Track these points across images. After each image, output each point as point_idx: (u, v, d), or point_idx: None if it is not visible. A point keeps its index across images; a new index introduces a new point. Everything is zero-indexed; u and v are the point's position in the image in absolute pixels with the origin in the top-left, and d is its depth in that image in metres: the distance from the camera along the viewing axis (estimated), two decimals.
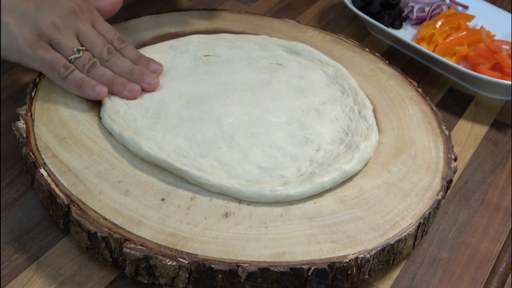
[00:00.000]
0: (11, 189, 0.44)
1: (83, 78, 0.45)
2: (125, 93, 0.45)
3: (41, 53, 0.44)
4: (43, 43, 0.44)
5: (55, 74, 0.45)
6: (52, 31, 0.44)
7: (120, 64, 0.47)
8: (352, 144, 0.44)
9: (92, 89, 0.45)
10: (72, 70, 0.45)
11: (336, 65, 0.52)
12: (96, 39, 0.46)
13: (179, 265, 0.37)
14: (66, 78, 0.45)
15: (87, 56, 0.46)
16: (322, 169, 0.42)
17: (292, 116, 0.47)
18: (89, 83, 0.45)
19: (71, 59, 0.45)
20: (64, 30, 0.45)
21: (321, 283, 0.38)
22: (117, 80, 0.46)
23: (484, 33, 0.60)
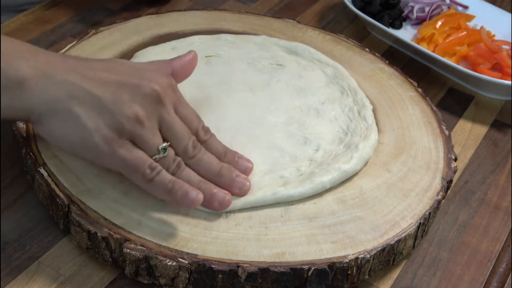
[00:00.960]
0: (11, 189, 0.44)
1: (173, 181, 0.38)
2: (215, 205, 0.39)
3: (122, 152, 0.37)
4: (124, 141, 0.37)
5: (138, 176, 0.37)
6: (135, 126, 0.37)
7: (208, 161, 0.40)
8: (352, 144, 0.44)
9: (185, 195, 0.37)
10: (159, 171, 0.37)
11: (335, 65, 0.52)
12: (182, 131, 0.39)
13: (179, 265, 0.37)
14: (152, 181, 0.37)
15: (171, 154, 0.38)
16: (321, 168, 0.42)
17: (291, 116, 0.47)
18: (180, 187, 0.37)
19: (156, 158, 0.38)
20: (148, 123, 0.37)
21: (321, 283, 0.38)
22: (204, 187, 0.39)
23: (484, 33, 0.60)
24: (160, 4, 0.64)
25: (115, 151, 0.37)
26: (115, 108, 0.37)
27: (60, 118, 0.36)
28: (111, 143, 0.37)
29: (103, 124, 0.36)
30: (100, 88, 0.37)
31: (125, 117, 0.37)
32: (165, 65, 0.41)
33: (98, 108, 0.37)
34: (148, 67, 0.41)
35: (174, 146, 0.39)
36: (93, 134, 0.36)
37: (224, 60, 0.52)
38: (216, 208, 0.39)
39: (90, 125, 0.36)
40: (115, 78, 0.38)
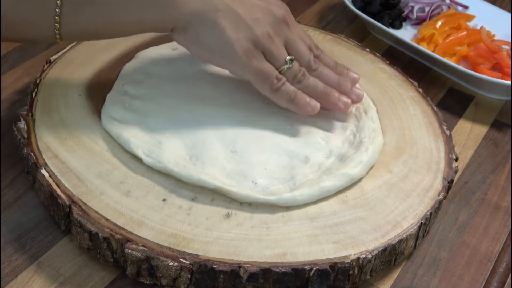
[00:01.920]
0: (11, 189, 0.44)
1: (295, 92, 0.44)
2: (340, 105, 0.45)
3: (255, 63, 0.42)
4: (257, 53, 0.43)
5: (266, 85, 0.43)
6: (267, 41, 0.43)
7: (328, 74, 0.46)
8: (361, 145, 0.44)
9: (306, 104, 0.44)
10: (284, 82, 0.43)
11: None
12: (303, 48, 0.45)
13: (180, 265, 0.37)
14: (278, 90, 0.43)
15: (297, 66, 0.44)
16: (329, 173, 0.42)
17: (297, 118, 0.46)
18: (302, 97, 0.44)
19: (282, 69, 0.43)
20: (276, 39, 0.43)
21: (323, 283, 0.38)
22: (329, 92, 0.45)
23: (484, 33, 0.61)
24: None
25: (250, 61, 0.42)
26: (252, 24, 0.42)
27: (206, 27, 0.41)
28: (248, 53, 0.42)
29: (243, 36, 0.42)
30: (239, 6, 0.42)
31: (260, 32, 0.42)
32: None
33: (238, 22, 0.42)
34: None
35: (298, 60, 0.45)
36: (234, 44, 0.42)
37: None
38: (341, 109, 0.46)
39: (232, 36, 0.41)
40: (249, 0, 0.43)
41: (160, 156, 0.42)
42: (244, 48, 0.42)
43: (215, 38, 0.42)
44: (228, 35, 0.41)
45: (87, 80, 0.49)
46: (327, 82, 0.46)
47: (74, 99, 0.47)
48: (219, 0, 0.42)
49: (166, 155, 0.42)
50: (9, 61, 0.55)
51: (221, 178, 0.41)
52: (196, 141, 0.43)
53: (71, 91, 0.47)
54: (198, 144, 0.43)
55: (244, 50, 0.42)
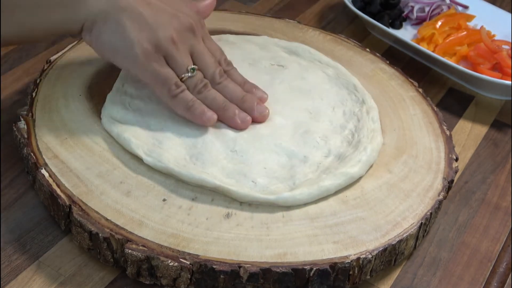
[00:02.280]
0: (11, 189, 0.44)
1: (193, 100, 0.43)
2: (238, 121, 0.44)
3: (155, 66, 0.42)
4: (158, 56, 0.42)
5: (164, 90, 0.42)
6: (170, 46, 0.42)
7: (232, 89, 0.45)
8: (359, 145, 0.44)
9: (202, 114, 0.43)
10: (183, 89, 0.43)
11: (336, 66, 0.52)
12: (209, 59, 0.44)
13: (181, 266, 0.37)
14: (176, 96, 0.43)
15: (199, 76, 0.43)
16: (328, 172, 0.42)
17: (299, 118, 0.47)
18: (199, 106, 0.43)
19: (183, 77, 0.43)
20: (181, 46, 0.43)
21: (323, 283, 0.38)
22: (229, 106, 0.44)
23: (484, 33, 0.61)
24: None
25: (150, 63, 0.42)
26: (156, 27, 0.41)
27: (108, 26, 0.41)
28: (148, 55, 0.41)
29: (144, 37, 0.41)
30: (145, 8, 0.42)
31: (163, 36, 0.42)
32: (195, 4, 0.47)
33: (141, 23, 0.41)
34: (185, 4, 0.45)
35: (203, 72, 0.44)
36: (134, 44, 0.41)
37: None
38: (238, 126, 0.44)
39: (133, 36, 0.41)
40: (158, 3, 0.43)
41: (161, 155, 0.42)
42: (145, 49, 0.41)
43: (117, 38, 0.41)
44: (129, 35, 0.41)
45: (87, 80, 0.49)
46: (230, 97, 0.44)
47: (74, 99, 0.47)
48: (125, 1, 0.41)
49: (167, 155, 0.42)
50: (9, 61, 0.55)
51: (221, 177, 0.41)
52: (196, 141, 0.43)
53: (71, 91, 0.47)
54: (198, 144, 0.43)
55: (144, 52, 0.41)
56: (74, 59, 0.51)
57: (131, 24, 0.41)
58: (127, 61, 0.42)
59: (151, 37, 0.41)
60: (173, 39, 0.42)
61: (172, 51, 0.42)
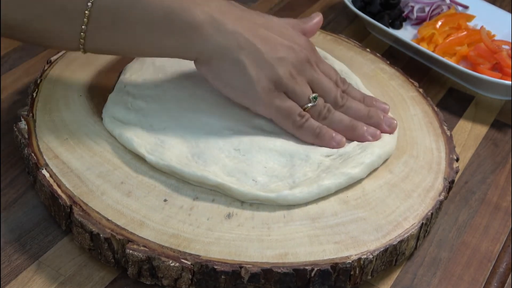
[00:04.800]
0: (11, 189, 0.44)
1: (320, 127, 0.43)
2: (368, 137, 0.44)
3: (277, 102, 0.42)
4: (279, 93, 0.43)
5: (289, 122, 0.43)
6: (290, 81, 0.42)
7: (356, 108, 0.45)
8: (368, 147, 0.44)
9: (330, 139, 0.43)
10: (308, 118, 0.43)
11: (340, 65, 0.52)
12: (328, 85, 0.45)
13: (182, 266, 0.37)
14: (302, 127, 0.43)
15: (321, 102, 0.44)
16: (328, 172, 0.42)
17: None
18: (327, 132, 0.43)
19: (306, 107, 0.43)
20: (299, 79, 0.43)
21: (324, 284, 0.38)
22: (356, 125, 0.44)
23: (484, 33, 0.61)
24: None
25: (272, 100, 0.42)
26: (274, 64, 0.42)
27: (228, 64, 0.41)
28: (269, 93, 0.42)
29: (264, 76, 0.42)
30: (262, 44, 0.42)
31: (282, 72, 0.42)
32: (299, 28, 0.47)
33: (260, 61, 0.42)
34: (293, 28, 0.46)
35: (324, 97, 0.45)
36: (255, 83, 0.41)
37: None
38: (369, 140, 0.44)
39: (254, 75, 0.41)
40: (274, 37, 0.43)
41: (163, 154, 0.41)
42: (265, 88, 0.42)
43: (237, 76, 0.42)
44: (249, 74, 0.41)
45: (88, 80, 0.49)
46: (356, 116, 0.45)
47: (74, 100, 0.47)
48: (242, 38, 0.41)
49: (169, 153, 0.42)
50: (9, 61, 0.55)
51: (222, 175, 0.41)
52: (198, 139, 0.43)
53: (72, 92, 0.47)
54: (201, 143, 0.43)
55: (265, 90, 0.42)
56: (74, 60, 0.50)
57: (251, 62, 0.41)
58: (249, 99, 0.43)
59: (271, 75, 0.42)
60: (292, 74, 0.43)
61: (292, 86, 0.43)
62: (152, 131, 0.44)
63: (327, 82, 0.45)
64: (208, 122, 0.45)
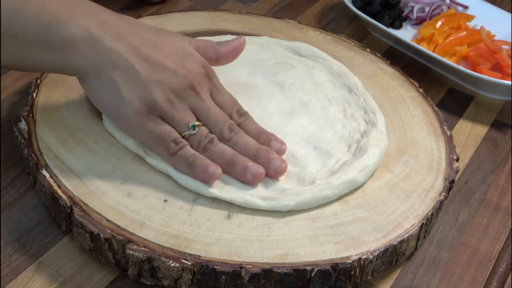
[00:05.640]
0: (11, 189, 0.44)
1: (195, 156, 0.39)
2: (248, 177, 0.40)
3: (150, 125, 0.39)
4: (153, 116, 0.39)
5: (163, 149, 0.40)
6: (166, 105, 0.39)
7: (243, 144, 0.41)
8: (368, 147, 0.44)
9: (204, 170, 0.39)
10: (183, 145, 0.40)
11: (339, 65, 0.52)
12: (216, 116, 0.41)
13: (182, 266, 0.37)
14: (175, 154, 0.40)
15: (203, 132, 0.40)
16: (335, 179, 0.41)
17: (310, 122, 0.46)
18: (201, 162, 0.39)
19: (185, 135, 0.40)
20: (179, 105, 0.40)
21: (324, 284, 0.38)
22: (238, 160, 0.40)
23: (484, 33, 0.61)
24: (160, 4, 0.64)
25: (144, 123, 0.39)
26: (150, 86, 0.39)
27: (101, 82, 0.39)
28: (141, 116, 0.39)
29: (137, 97, 0.39)
30: (141, 64, 0.39)
31: (158, 96, 0.39)
32: (212, 50, 0.43)
33: (135, 81, 0.39)
34: (191, 51, 0.42)
35: (209, 128, 0.41)
36: (126, 104, 0.39)
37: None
38: (249, 180, 0.40)
39: (125, 95, 0.39)
40: (156, 58, 0.40)
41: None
42: (138, 110, 0.39)
43: (110, 96, 0.39)
44: (121, 94, 0.39)
45: None
46: (243, 152, 0.41)
47: (75, 100, 0.47)
48: (119, 56, 0.39)
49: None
50: None
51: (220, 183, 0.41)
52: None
53: (72, 92, 0.47)
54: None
55: (137, 112, 0.39)
56: None
57: (124, 82, 0.39)
58: (120, 120, 0.40)
59: (145, 97, 0.39)
60: (169, 99, 0.40)
61: (169, 111, 0.40)
62: None
63: (215, 113, 0.41)
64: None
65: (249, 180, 0.40)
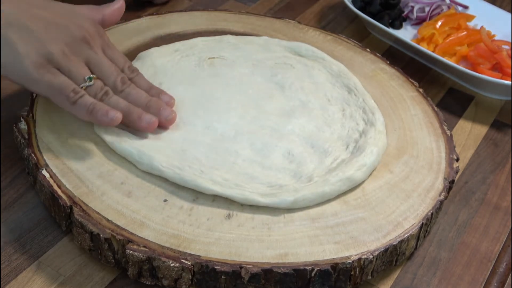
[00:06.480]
0: (11, 189, 0.44)
1: (94, 103, 0.41)
2: (143, 124, 0.43)
3: (48, 77, 0.41)
4: (51, 68, 0.41)
5: (63, 99, 0.41)
6: (62, 58, 0.41)
7: (135, 95, 0.44)
8: (366, 146, 0.44)
9: (105, 114, 0.41)
10: (82, 95, 0.42)
11: (339, 64, 0.52)
12: (109, 68, 0.43)
13: (182, 266, 0.37)
14: (75, 102, 0.41)
15: (99, 84, 0.43)
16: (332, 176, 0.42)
17: (309, 121, 0.46)
18: (101, 108, 0.41)
19: (82, 87, 0.42)
20: (74, 58, 0.42)
21: (324, 284, 0.38)
22: (133, 109, 0.43)
23: (484, 33, 0.61)
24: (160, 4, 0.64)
25: (42, 76, 0.41)
26: (45, 41, 0.41)
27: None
28: (39, 68, 0.41)
29: (33, 51, 0.40)
30: (33, 22, 0.41)
31: (53, 49, 0.41)
32: (96, 12, 0.46)
33: (30, 38, 0.41)
34: (80, 11, 0.45)
35: (103, 81, 0.43)
36: (23, 58, 0.40)
37: (228, 62, 0.51)
38: (144, 128, 0.43)
39: (21, 50, 0.40)
40: (48, 16, 0.42)
41: (152, 159, 0.41)
42: (35, 62, 0.40)
43: (6, 53, 0.40)
44: (17, 50, 0.40)
45: None
46: (135, 103, 0.44)
47: None
48: (12, 16, 0.40)
49: (158, 158, 0.41)
50: None
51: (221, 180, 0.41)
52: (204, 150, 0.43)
53: None
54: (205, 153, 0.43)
55: (35, 65, 0.40)
56: None
57: (19, 39, 0.40)
58: (19, 75, 0.41)
59: (41, 51, 0.41)
60: (64, 52, 0.41)
61: (65, 63, 0.41)
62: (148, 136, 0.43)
63: (108, 66, 0.43)
64: (217, 126, 0.45)
65: (144, 128, 0.43)
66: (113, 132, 0.43)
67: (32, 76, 0.41)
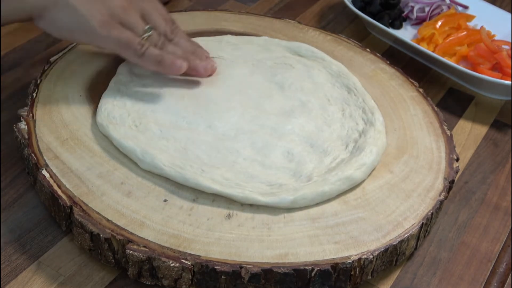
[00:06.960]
0: (11, 189, 0.44)
1: (161, 54, 0.45)
2: (200, 70, 0.47)
3: (116, 33, 0.44)
4: (115, 24, 0.44)
5: (131, 52, 0.45)
6: (122, 13, 0.44)
7: (184, 44, 0.48)
8: (365, 146, 0.44)
9: (173, 63, 0.45)
10: (148, 46, 0.45)
11: (338, 65, 0.52)
12: (159, 18, 0.47)
13: (182, 266, 0.37)
14: (143, 54, 0.45)
15: (156, 34, 0.46)
16: (333, 175, 0.42)
17: (308, 121, 0.46)
18: (168, 58, 0.45)
19: (144, 37, 0.45)
20: (131, 11, 0.45)
21: (324, 284, 0.38)
22: (189, 57, 0.47)
23: (484, 33, 0.61)
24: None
25: (109, 32, 0.44)
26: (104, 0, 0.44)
27: (59, 9, 0.43)
28: (105, 25, 0.44)
29: (97, 11, 0.44)
30: None
31: (113, 5, 0.44)
32: None
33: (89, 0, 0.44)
34: None
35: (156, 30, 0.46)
36: (88, 18, 0.43)
37: (228, 62, 0.52)
38: (202, 74, 0.48)
39: (85, 12, 0.43)
40: None
41: (154, 158, 0.41)
42: (100, 20, 0.43)
43: (70, 17, 0.43)
44: (81, 12, 0.43)
45: (88, 80, 0.49)
46: (184, 51, 0.47)
47: (74, 100, 0.47)
48: None
49: (160, 157, 0.41)
50: (9, 61, 0.55)
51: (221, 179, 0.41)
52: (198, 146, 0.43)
53: (72, 92, 0.47)
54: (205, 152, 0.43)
55: (101, 23, 0.43)
56: (74, 60, 0.50)
57: (80, 2, 0.43)
58: (87, 35, 0.44)
59: (103, 9, 0.44)
60: (123, 6, 0.45)
61: (126, 17, 0.45)
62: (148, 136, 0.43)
63: (158, 16, 0.47)
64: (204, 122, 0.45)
65: (201, 72, 0.48)
66: (118, 130, 0.43)
67: (101, 34, 0.43)
